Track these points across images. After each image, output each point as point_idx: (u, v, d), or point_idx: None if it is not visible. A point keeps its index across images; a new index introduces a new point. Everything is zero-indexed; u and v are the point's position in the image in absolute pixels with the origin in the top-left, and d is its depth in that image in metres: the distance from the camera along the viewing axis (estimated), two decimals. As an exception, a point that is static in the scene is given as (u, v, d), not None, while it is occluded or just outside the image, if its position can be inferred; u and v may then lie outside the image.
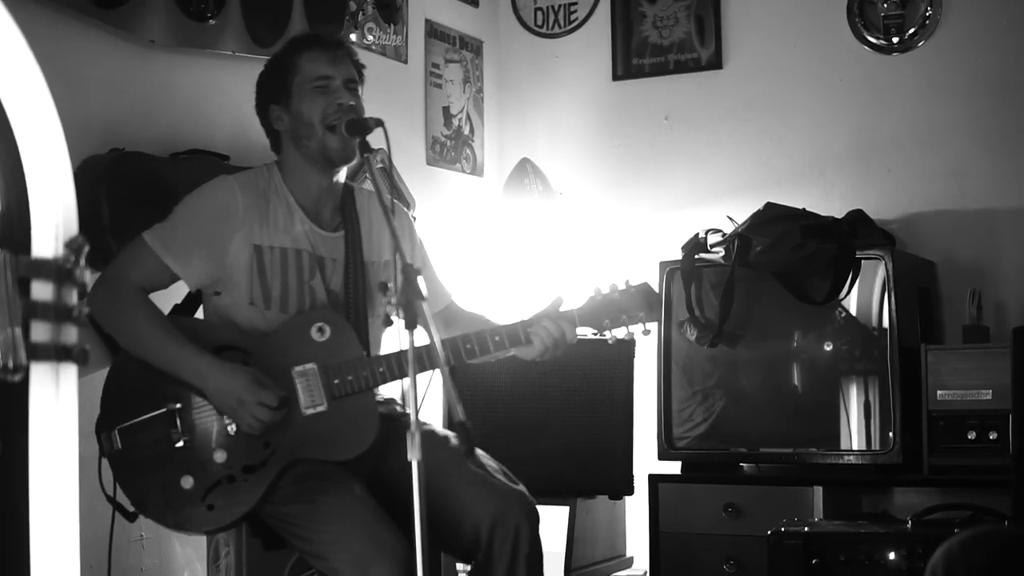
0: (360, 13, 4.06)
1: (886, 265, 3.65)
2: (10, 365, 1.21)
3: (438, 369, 2.56)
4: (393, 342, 2.69)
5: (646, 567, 3.87)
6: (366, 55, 4.02)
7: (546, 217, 4.32)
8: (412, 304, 2.06)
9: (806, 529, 3.25)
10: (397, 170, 3.84)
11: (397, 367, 2.65)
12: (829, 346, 3.75)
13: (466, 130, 4.58)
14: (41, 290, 1.26)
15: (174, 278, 2.73)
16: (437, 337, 2.13)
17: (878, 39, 4.22)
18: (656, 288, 3.69)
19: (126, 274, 2.68)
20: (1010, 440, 3.11)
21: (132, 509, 2.68)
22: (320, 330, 2.68)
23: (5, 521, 1.28)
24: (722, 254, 3.83)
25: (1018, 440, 2.99)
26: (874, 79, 4.23)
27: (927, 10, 4.14)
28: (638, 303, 2.75)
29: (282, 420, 2.62)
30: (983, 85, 4.08)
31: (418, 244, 2.99)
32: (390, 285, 2.77)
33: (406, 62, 4.29)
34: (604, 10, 4.64)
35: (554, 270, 4.31)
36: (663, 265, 3.91)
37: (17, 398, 1.26)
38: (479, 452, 2.74)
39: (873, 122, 4.24)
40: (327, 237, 2.82)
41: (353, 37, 4.01)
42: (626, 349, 3.80)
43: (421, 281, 2.09)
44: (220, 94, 3.47)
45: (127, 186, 3.04)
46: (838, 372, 3.75)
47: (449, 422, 3.62)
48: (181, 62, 3.41)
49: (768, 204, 3.86)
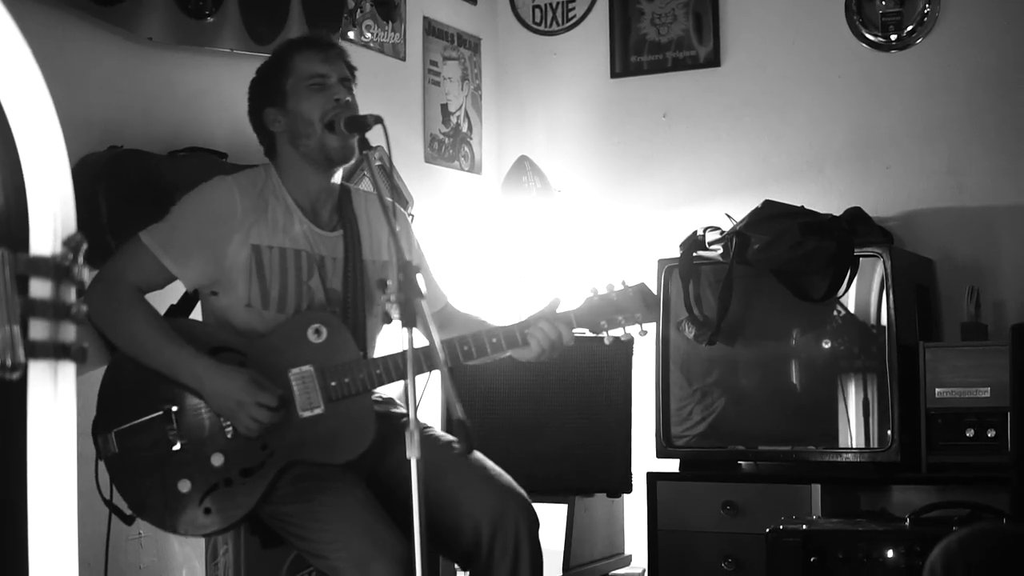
0: (358, 10, 4.06)
1: (884, 263, 3.65)
2: (8, 363, 1.20)
3: (436, 370, 2.55)
4: (392, 341, 2.68)
5: (644, 565, 3.87)
6: (364, 52, 4.04)
7: (544, 215, 4.31)
8: (411, 301, 2.06)
9: (804, 527, 3.25)
10: (396, 168, 3.84)
11: (394, 369, 2.63)
12: (827, 344, 3.75)
13: (464, 128, 4.58)
14: (39, 288, 1.26)
15: (170, 278, 2.72)
16: (436, 334, 2.12)
17: (876, 36, 4.21)
18: (654, 286, 3.70)
19: (122, 274, 2.67)
20: (1008, 438, 3.11)
21: (129, 512, 2.67)
22: (317, 332, 2.67)
23: (3, 519, 1.28)
24: (720, 252, 3.83)
25: (1016, 438, 2.99)
26: (872, 76, 4.23)
27: (925, 7, 4.13)
28: (635, 303, 2.73)
29: (279, 422, 2.61)
30: (981, 82, 4.08)
31: (415, 245, 2.98)
32: (389, 282, 2.76)
33: (404, 59, 4.29)
34: (602, 7, 4.64)
35: (552, 268, 4.31)
36: (661, 263, 3.91)
37: (15, 396, 1.26)
38: (478, 455, 2.74)
39: (871, 119, 4.24)
40: (326, 237, 2.81)
41: (351, 34, 4.01)
42: (624, 348, 3.80)
43: (420, 279, 2.09)
44: (219, 92, 3.47)
45: (125, 184, 3.03)
46: (836, 370, 3.75)
47: (448, 421, 3.62)
48: (179, 60, 3.41)
49: (766, 202, 3.86)
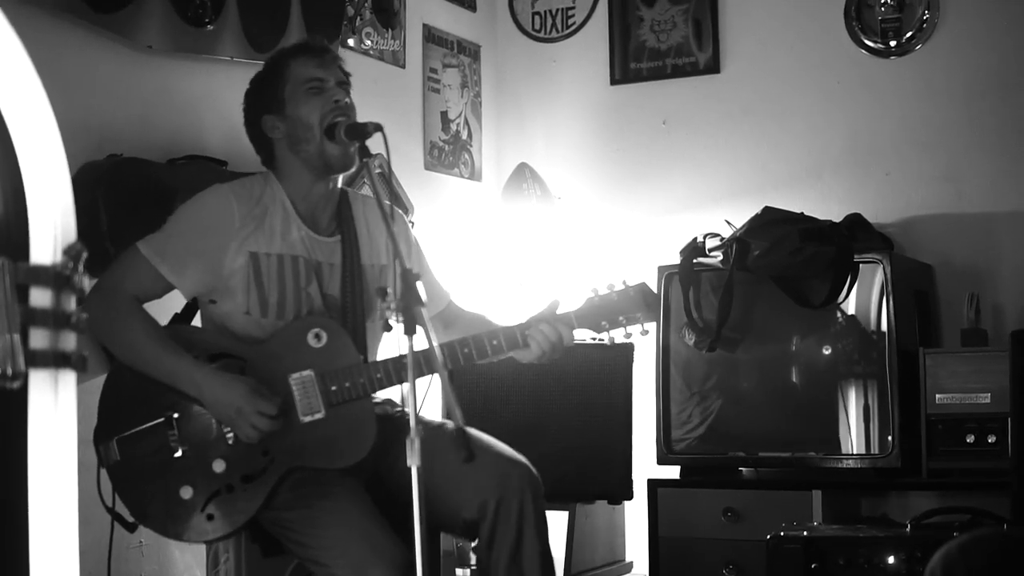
0: (358, 18, 4.06)
1: (884, 269, 3.65)
2: (9, 372, 1.21)
3: (436, 374, 2.55)
4: (393, 347, 2.67)
5: (645, 572, 3.87)
6: (364, 60, 4.05)
7: (544, 222, 4.32)
8: (411, 310, 2.06)
9: (805, 533, 3.25)
10: (395, 176, 3.84)
11: (395, 373, 2.64)
12: (828, 350, 3.75)
13: (464, 135, 4.58)
14: (40, 296, 1.26)
15: (168, 288, 2.72)
16: (436, 344, 2.12)
17: (875, 43, 4.22)
18: (654, 290, 3.70)
19: (120, 284, 2.66)
20: (1009, 443, 3.11)
21: (131, 519, 2.66)
22: (317, 336, 2.67)
23: (4, 527, 1.28)
24: (720, 258, 3.83)
25: (1017, 443, 2.99)
26: (872, 83, 4.23)
27: (924, 14, 4.14)
28: (636, 303, 2.73)
29: (280, 428, 2.61)
30: (981, 89, 4.09)
31: (414, 246, 2.98)
32: (389, 290, 2.76)
33: (404, 67, 4.29)
34: (602, 14, 4.64)
35: (553, 275, 4.31)
36: (661, 269, 3.91)
37: (16, 405, 1.26)
38: (479, 433, 2.71)
39: (871, 126, 4.24)
40: (323, 242, 2.81)
41: (351, 42, 4.01)
42: (624, 353, 3.80)
43: (420, 286, 2.09)
44: (218, 100, 3.47)
45: (125, 192, 3.03)
46: (837, 376, 3.75)
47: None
48: (179, 67, 3.41)
49: (766, 208, 3.86)
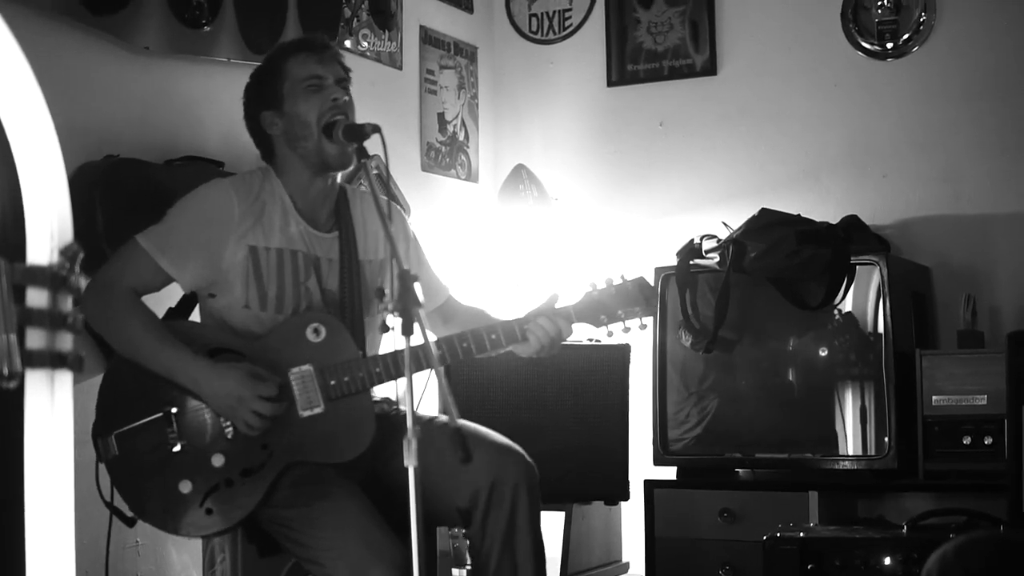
0: (354, 19, 4.07)
1: (881, 270, 3.65)
2: (5, 372, 1.21)
3: (433, 372, 2.55)
4: (392, 343, 2.68)
5: (642, 572, 3.87)
6: (360, 61, 4.05)
7: (541, 223, 4.32)
8: (409, 311, 2.06)
9: (802, 534, 3.25)
10: (393, 177, 3.84)
11: (394, 367, 2.64)
12: (824, 351, 3.75)
13: (461, 136, 4.58)
14: (36, 297, 1.26)
15: (167, 281, 2.72)
16: (433, 345, 2.12)
17: (872, 44, 4.22)
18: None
19: (119, 277, 2.67)
20: (1005, 445, 3.11)
21: (130, 514, 2.67)
22: (316, 331, 2.68)
23: (1, 526, 1.28)
24: (717, 260, 3.83)
25: (1013, 445, 3.00)
26: (869, 84, 4.23)
27: (921, 16, 4.14)
28: (634, 297, 2.74)
29: (279, 422, 2.61)
30: (977, 90, 4.09)
31: (412, 241, 2.99)
32: (387, 291, 2.76)
33: (401, 68, 4.29)
34: (599, 16, 4.64)
35: (549, 276, 4.31)
36: (658, 271, 3.91)
37: (12, 405, 1.26)
38: (472, 424, 2.70)
39: (868, 127, 4.24)
40: (322, 238, 2.82)
41: (347, 43, 4.01)
42: (621, 354, 3.80)
43: (417, 287, 2.09)
44: (215, 101, 3.47)
45: (122, 193, 3.03)
46: (834, 377, 3.75)
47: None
48: (176, 69, 3.41)
49: (763, 210, 3.87)
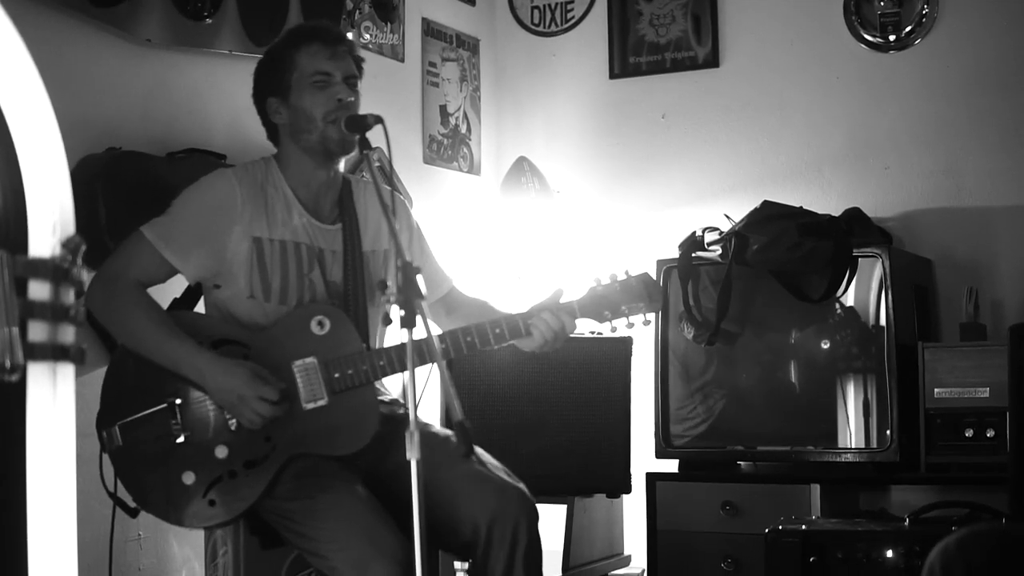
0: (357, 12, 4.06)
1: (883, 263, 3.65)
2: (7, 365, 1.21)
3: (436, 365, 2.55)
4: (396, 336, 2.68)
5: (644, 565, 3.87)
6: (362, 54, 4.02)
7: (543, 216, 4.31)
8: (411, 303, 2.06)
9: (803, 527, 3.25)
10: (395, 169, 3.83)
11: (397, 360, 2.64)
12: (826, 344, 3.75)
13: (463, 129, 4.58)
14: (38, 290, 1.26)
15: (172, 272, 2.73)
16: (436, 338, 2.12)
17: (875, 37, 4.22)
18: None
19: (124, 269, 2.68)
20: (1007, 438, 3.12)
21: (133, 505, 2.67)
22: (320, 323, 2.68)
23: (3, 520, 1.28)
24: (719, 252, 3.83)
25: (1015, 437, 3.00)
26: (871, 77, 4.23)
27: (924, 8, 4.13)
28: (638, 293, 2.73)
29: (283, 415, 2.61)
30: (980, 83, 4.08)
31: (416, 231, 2.98)
32: (389, 283, 2.76)
33: (403, 61, 4.29)
34: (601, 8, 4.64)
35: (551, 269, 4.31)
36: (660, 263, 3.91)
37: (14, 398, 1.26)
38: (479, 451, 2.74)
39: (870, 120, 4.24)
40: (325, 230, 2.82)
41: (350, 35, 4.00)
42: (623, 347, 3.80)
43: (420, 279, 2.09)
44: (217, 93, 3.47)
45: (124, 185, 3.03)
46: (835, 370, 3.75)
47: (448, 421, 3.62)
48: (178, 61, 3.41)
49: (765, 202, 3.86)
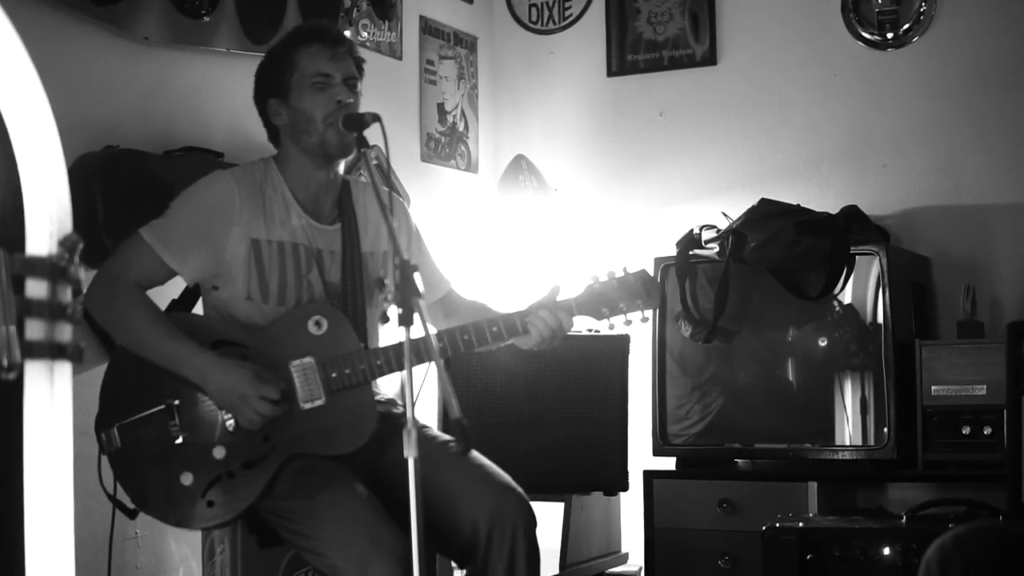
0: (354, 9, 4.06)
1: (881, 261, 3.65)
2: (4, 363, 1.21)
3: (434, 364, 2.55)
4: (394, 335, 2.68)
5: (641, 563, 3.87)
6: (360, 52, 4.04)
7: (541, 213, 4.31)
8: (409, 301, 2.06)
9: (801, 525, 3.25)
10: (392, 168, 3.83)
11: (395, 359, 2.64)
12: (824, 342, 3.75)
13: (461, 127, 4.58)
14: (35, 288, 1.26)
15: (171, 274, 2.73)
16: (433, 336, 2.12)
17: (873, 35, 4.22)
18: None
19: (123, 271, 2.68)
20: (1005, 435, 3.12)
21: (132, 506, 2.67)
22: (317, 323, 2.68)
23: (0, 519, 1.28)
24: (717, 250, 3.83)
25: (1012, 435, 3.00)
26: (869, 75, 4.23)
27: (921, 6, 4.14)
28: (636, 290, 2.73)
29: (283, 413, 2.61)
30: (978, 81, 4.08)
31: (414, 233, 2.98)
32: (387, 282, 2.75)
33: (400, 59, 4.29)
34: (598, 6, 4.64)
35: (549, 267, 4.31)
36: (658, 261, 3.91)
37: (11, 396, 1.26)
38: (475, 454, 2.73)
39: (868, 118, 4.24)
40: (324, 230, 2.82)
41: (347, 33, 4.00)
42: (621, 345, 3.80)
43: (418, 277, 2.09)
44: (215, 91, 3.46)
45: (121, 184, 3.03)
46: (833, 368, 3.75)
47: (445, 419, 3.62)
48: (176, 59, 3.41)
49: (763, 200, 3.86)
